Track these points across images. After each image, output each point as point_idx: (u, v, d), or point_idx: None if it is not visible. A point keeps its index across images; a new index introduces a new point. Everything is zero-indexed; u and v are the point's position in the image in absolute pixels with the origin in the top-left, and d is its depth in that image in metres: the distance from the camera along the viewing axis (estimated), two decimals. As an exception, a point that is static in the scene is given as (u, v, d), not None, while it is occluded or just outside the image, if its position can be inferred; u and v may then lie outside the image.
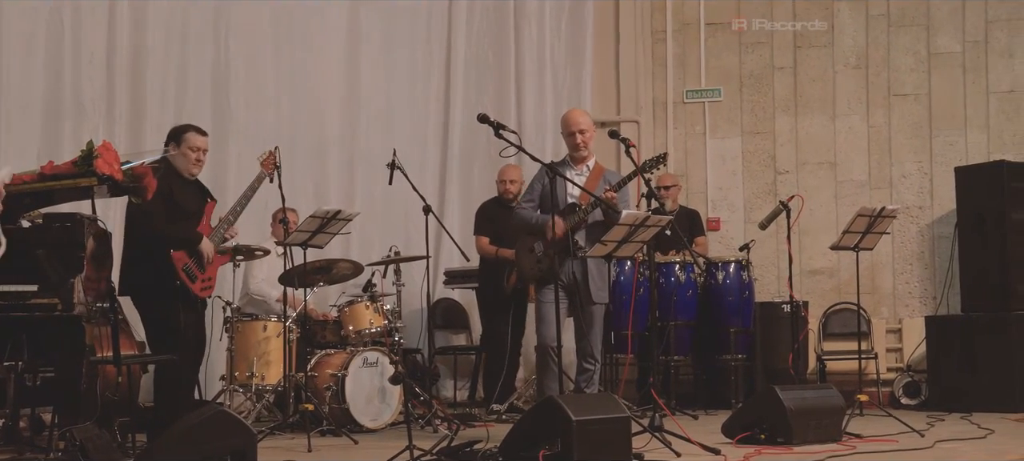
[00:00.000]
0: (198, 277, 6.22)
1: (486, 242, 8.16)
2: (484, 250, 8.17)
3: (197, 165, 6.29)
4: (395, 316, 7.57)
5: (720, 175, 9.69)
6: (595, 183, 6.39)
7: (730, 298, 8.28)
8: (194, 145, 6.26)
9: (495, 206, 8.25)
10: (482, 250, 8.20)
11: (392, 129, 9.22)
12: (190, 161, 6.25)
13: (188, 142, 6.25)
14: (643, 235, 6.11)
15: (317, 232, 6.93)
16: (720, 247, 9.38)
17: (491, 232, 8.15)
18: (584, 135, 6.44)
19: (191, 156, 6.25)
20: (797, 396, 6.02)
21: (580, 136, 6.43)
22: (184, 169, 6.25)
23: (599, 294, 6.34)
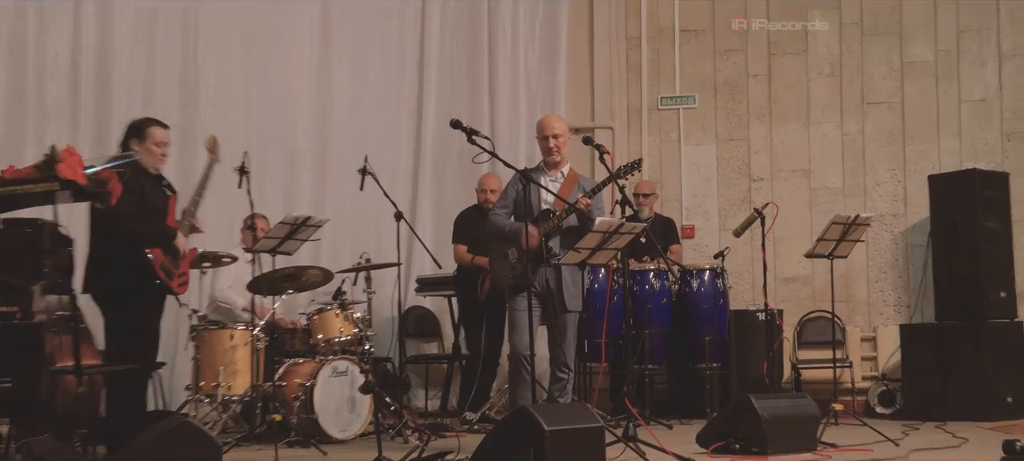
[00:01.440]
0: (174, 274, 6.11)
1: (463, 251, 8.10)
2: (461, 258, 8.12)
3: (161, 160, 6.19)
4: (365, 324, 7.49)
5: (694, 182, 9.65)
6: (569, 189, 6.34)
7: (705, 306, 8.24)
8: (158, 140, 6.15)
9: (475, 215, 8.18)
10: (459, 258, 8.14)
11: (363, 133, 9.14)
12: (156, 157, 6.14)
13: (152, 138, 6.15)
14: (617, 242, 6.07)
15: (286, 238, 6.85)
16: (694, 255, 9.34)
17: (470, 241, 8.08)
18: (558, 140, 6.39)
19: (156, 151, 6.14)
20: (772, 405, 5.98)
21: (554, 141, 6.38)
22: (150, 165, 6.13)
23: (573, 302, 6.28)
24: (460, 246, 8.14)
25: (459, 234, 8.20)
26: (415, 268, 9.12)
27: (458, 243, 8.17)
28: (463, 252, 8.10)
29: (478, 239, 7.90)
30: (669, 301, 8.26)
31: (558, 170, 6.44)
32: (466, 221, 8.22)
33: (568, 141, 6.48)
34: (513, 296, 6.28)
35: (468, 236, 8.11)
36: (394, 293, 7.51)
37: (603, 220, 6.04)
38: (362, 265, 7.60)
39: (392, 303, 7.78)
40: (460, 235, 8.19)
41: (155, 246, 6.00)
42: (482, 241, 7.68)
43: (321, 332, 7.38)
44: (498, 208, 6.51)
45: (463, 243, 8.13)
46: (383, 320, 8.47)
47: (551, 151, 6.39)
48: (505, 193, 6.52)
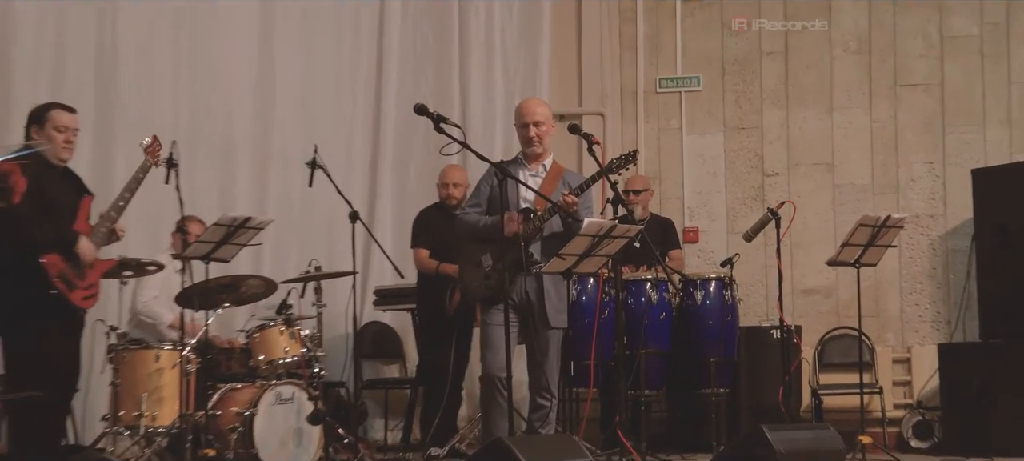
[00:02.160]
0: (78, 285, 6.07)
1: (425, 256, 8.10)
2: (423, 265, 8.12)
3: (67, 148, 6.16)
4: (315, 343, 7.47)
5: (699, 177, 9.68)
6: (552, 186, 6.35)
7: (710, 322, 8.26)
8: (60, 124, 6.12)
9: (436, 214, 8.20)
10: (421, 265, 8.15)
11: (313, 122, 9.13)
12: (58, 144, 6.11)
13: (53, 122, 6.12)
14: (608, 247, 6.09)
15: (222, 243, 6.84)
16: (698, 262, 9.35)
17: (431, 244, 8.09)
18: (540, 128, 6.40)
19: (58, 138, 6.10)
20: (789, 437, 5.99)
21: (535, 129, 6.40)
22: (53, 155, 6.10)
23: (556, 317, 6.29)
24: (421, 251, 8.15)
25: (419, 237, 8.20)
26: (373, 277, 9.11)
27: (418, 247, 8.18)
28: (425, 258, 8.11)
29: (442, 242, 7.90)
30: (669, 316, 8.27)
31: (539, 163, 6.45)
32: (427, 221, 8.22)
33: (551, 130, 6.49)
34: (487, 309, 6.29)
35: (430, 239, 8.11)
36: (348, 306, 7.49)
37: (592, 221, 6.07)
38: (311, 274, 7.57)
39: (346, 318, 7.76)
40: (421, 238, 8.19)
41: (50, 251, 5.96)
42: (448, 244, 7.69)
43: (263, 352, 7.36)
44: (469, 207, 6.52)
45: (424, 247, 8.14)
46: (335, 338, 8.45)
47: (531, 141, 6.41)
48: (477, 190, 6.53)
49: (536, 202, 6.29)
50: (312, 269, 7.62)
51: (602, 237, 5.99)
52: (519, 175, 6.31)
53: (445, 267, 7.83)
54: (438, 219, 8.11)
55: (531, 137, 6.40)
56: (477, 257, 6.38)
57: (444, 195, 8.19)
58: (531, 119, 6.41)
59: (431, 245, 8.09)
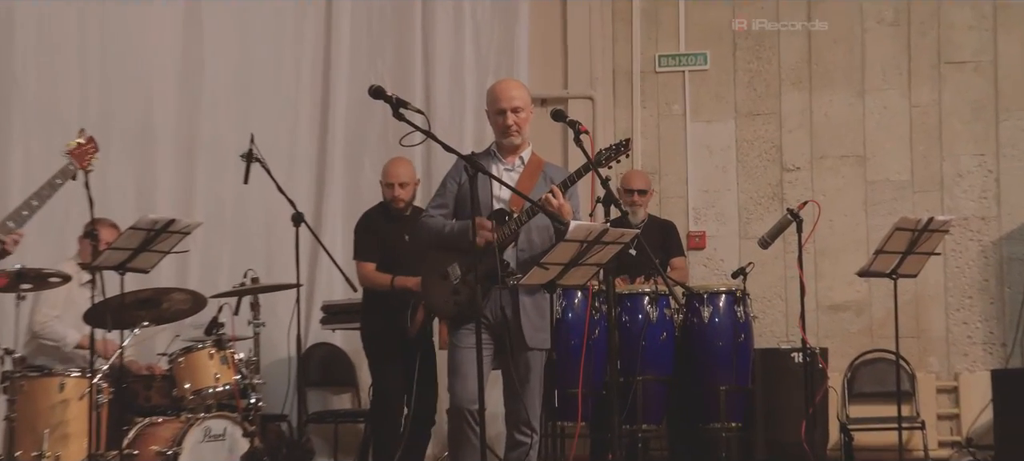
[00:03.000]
0: None
1: (371, 269, 8.03)
2: (371, 280, 8.04)
3: None
4: (251, 369, 7.49)
5: (706, 172, 9.72)
6: (531, 182, 6.37)
7: (719, 343, 8.31)
8: None
9: (381, 218, 8.15)
10: (368, 280, 8.06)
11: (248, 107, 9.15)
12: None
13: None
14: (599, 255, 6.08)
15: (140, 250, 6.81)
16: (706, 272, 9.39)
17: (378, 255, 8.07)
18: (518, 115, 6.40)
19: None
20: (813, 480, 6.04)
21: (512, 116, 6.39)
22: None
23: (537, 337, 6.30)
24: (365, 264, 8.06)
25: (363, 247, 8.12)
26: (321, 291, 9.15)
27: (363, 260, 8.08)
28: (371, 272, 8.03)
29: (391, 252, 7.91)
30: (670, 337, 8.32)
31: (516, 155, 6.46)
32: (370, 226, 8.15)
33: (531, 116, 6.48)
34: (455, 329, 6.30)
35: (376, 249, 8.07)
36: (291, 325, 7.51)
37: (579, 224, 6.04)
38: (247, 287, 7.58)
39: (288, 339, 7.76)
40: (365, 248, 8.10)
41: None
42: (397, 255, 7.74)
43: (189, 380, 7.36)
44: (432, 208, 6.51)
45: (369, 260, 8.06)
46: (276, 363, 8.50)
47: (507, 130, 6.40)
48: (443, 188, 6.51)
49: (512, 201, 6.29)
50: (248, 281, 7.62)
51: (592, 243, 5.97)
52: (492, 170, 6.30)
53: (402, 281, 7.79)
54: (382, 225, 8.07)
55: (507, 125, 6.39)
56: (443, 268, 6.38)
57: (388, 195, 8.09)
58: (507, 104, 6.40)
59: (379, 257, 8.04)
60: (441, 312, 6.49)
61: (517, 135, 6.43)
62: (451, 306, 6.33)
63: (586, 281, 6.53)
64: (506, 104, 6.42)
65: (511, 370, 6.30)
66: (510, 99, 6.43)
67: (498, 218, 6.28)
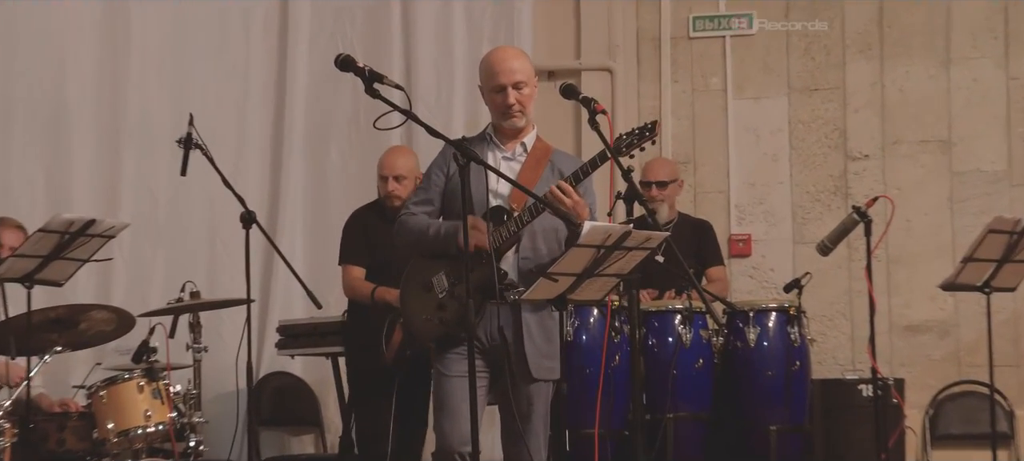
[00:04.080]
0: None
1: (358, 277, 8.13)
2: (355, 289, 8.14)
3: None
4: (190, 405, 7.51)
5: (752, 162, 9.76)
6: (536, 173, 6.41)
7: (769, 373, 8.34)
8: None
9: (375, 219, 8.22)
10: (352, 289, 8.16)
11: (186, 83, 9.19)
12: None
13: None
14: (620, 264, 6.07)
15: (52, 258, 6.84)
16: (752, 285, 9.43)
17: (369, 261, 8.15)
18: (519, 92, 6.42)
19: None
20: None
21: (512, 94, 6.41)
22: None
23: (543, 365, 6.33)
24: (353, 268, 8.17)
25: (352, 249, 8.22)
26: (276, 308, 9.23)
27: (350, 263, 8.20)
28: (357, 280, 8.13)
29: (384, 259, 7.92)
30: (708, 364, 8.35)
31: (518, 141, 6.50)
32: (361, 228, 8.24)
33: (535, 93, 6.51)
34: (442, 355, 6.31)
35: (367, 253, 8.15)
36: (240, 351, 7.51)
37: (595, 226, 6.01)
38: (185, 303, 7.61)
39: (237, 368, 7.77)
40: (354, 251, 8.21)
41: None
42: (391, 263, 7.66)
43: (112, 419, 7.36)
44: (413, 205, 6.55)
45: (358, 264, 8.17)
46: (221, 398, 8.55)
47: (507, 110, 6.43)
48: (427, 181, 6.55)
49: (512, 197, 6.32)
50: (186, 296, 7.63)
51: (611, 248, 5.96)
52: (488, 158, 6.33)
53: (382, 293, 7.87)
54: (377, 225, 8.13)
55: (506, 105, 6.42)
56: (427, 278, 6.41)
57: (384, 192, 8.18)
58: (506, 79, 6.43)
59: (368, 262, 8.13)
60: (423, 335, 6.49)
61: (519, 116, 6.45)
62: (436, 326, 6.34)
63: (604, 296, 6.41)
64: (505, 79, 6.44)
65: (511, 406, 6.29)
66: (510, 72, 6.44)
67: (495, 217, 6.31)
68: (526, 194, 6.22)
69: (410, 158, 8.24)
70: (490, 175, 6.31)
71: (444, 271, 6.35)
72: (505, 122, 6.48)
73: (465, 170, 5.88)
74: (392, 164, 8.16)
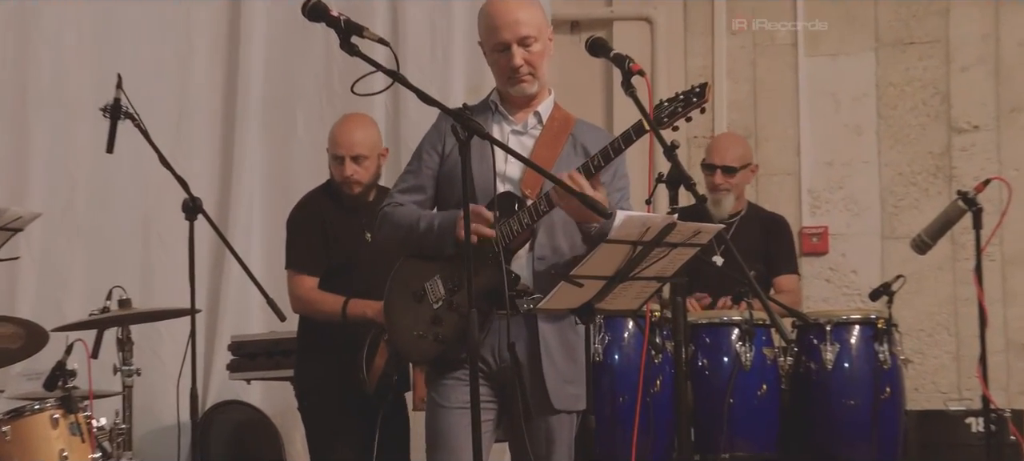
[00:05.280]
0: None
1: (311, 287, 8.20)
2: (311, 303, 8.20)
3: None
4: (119, 444, 7.57)
5: (829, 135, 9.82)
6: (554, 150, 6.48)
7: (851, 402, 8.37)
8: None
9: (327, 207, 8.31)
10: (306, 303, 8.23)
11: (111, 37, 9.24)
12: None
13: None
14: (661, 264, 6.11)
15: (-55, 257, 6.93)
16: (830, 290, 9.48)
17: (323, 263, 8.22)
18: (528, 49, 6.48)
19: None
20: None
21: (520, 52, 6.47)
22: None
23: (565, 393, 6.38)
24: (301, 277, 8.25)
25: (299, 250, 8.30)
26: (228, 321, 9.32)
27: (297, 270, 8.27)
28: (309, 290, 8.20)
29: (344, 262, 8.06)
30: (774, 391, 8.41)
31: (530, 111, 6.57)
32: (311, 222, 8.31)
33: (550, 49, 6.57)
34: (438, 380, 6.38)
35: (319, 254, 8.23)
36: (183, 374, 7.57)
37: (630, 216, 6.02)
38: (112, 314, 7.68)
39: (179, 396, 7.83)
40: (301, 253, 8.29)
41: None
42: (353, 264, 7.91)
43: (19, 456, 7.39)
44: (398, 193, 6.60)
45: (307, 270, 8.23)
46: (158, 434, 8.63)
47: (515, 72, 6.48)
48: (417, 161, 6.61)
49: (525, 181, 6.38)
50: (114, 305, 7.69)
51: (649, 245, 6.00)
52: (494, 132, 6.41)
53: (356, 307, 7.93)
54: (332, 216, 8.23)
55: (513, 67, 6.47)
56: (418, 284, 6.46)
57: (338, 175, 8.25)
58: (510, 34, 6.47)
59: (323, 266, 8.20)
60: (414, 353, 6.56)
61: (528, 81, 6.50)
62: (430, 344, 6.39)
63: (641, 305, 6.44)
64: (508, 34, 6.48)
65: (525, 444, 6.30)
66: (513, 26, 6.48)
67: (504, 207, 6.35)
68: (543, 176, 6.21)
69: (370, 130, 8.30)
70: (498, 154, 6.24)
71: (440, 275, 6.39)
72: (512, 88, 6.55)
73: (466, 147, 5.81)
74: (348, 140, 8.21)
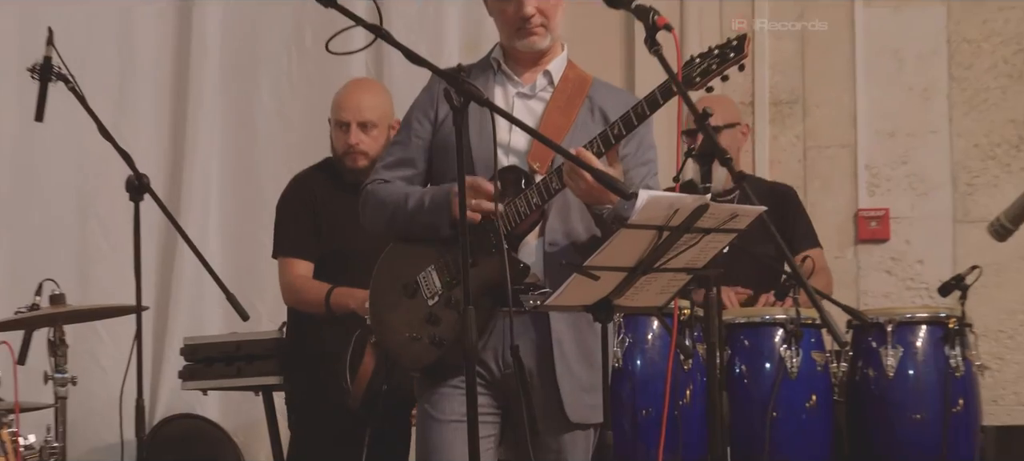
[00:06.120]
0: None
1: (304, 274, 8.28)
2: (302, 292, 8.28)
3: None
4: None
5: (891, 100, 9.84)
6: (568, 117, 6.51)
7: (917, 416, 8.44)
8: None
9: (325, 185, 8.38)
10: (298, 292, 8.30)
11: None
12: None
13: None
14: (691, 253, 6.13)
15: None
16: (892, 284, 9.52)
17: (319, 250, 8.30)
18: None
19: None
20: None
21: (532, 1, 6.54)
22: None
23: (581, 403, 6.42)
24: (296, 262, 8.32)
25: (294, 236, 8.37)
26: (181, 320, 9.38)
27: (289, 254, 8.34)
28: (303, 279, 8.28)
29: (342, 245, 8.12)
30: (825, 403, 8.46)
31: (540, 70, 6.61)
32: (306, 201, 8.38)
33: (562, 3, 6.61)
34: (433, 389, 6.43)
35: (316, 241, 8.29)
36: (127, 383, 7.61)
37: (656, 196, 6.06)
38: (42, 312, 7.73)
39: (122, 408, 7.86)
40: (297, 238, 8.36)
41: None
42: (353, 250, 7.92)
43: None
44: (384, 169, 6.65)
45: (303, 256, 8.31)
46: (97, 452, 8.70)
47: (524, 24, 6.52)
48: (404, 131, 6.65)
49: (533, 153, 6.42)
50: (44, 302, 7.74)
51: (676, 230, 6.03)
52: (496, 97, 6.46)
53: (341, 297, 8.01)
54: (330, 196, 8.30)
55: (522, 17, 6.51)
56: (410, 275, 6.51)
57: (343, 145, 8.32)
58: (518, -19, 6.55)
59: (318, 252, 8.28)
60: (407, 358, 6.57)
61: (540, 34, 6.54)
62: (425, 347, 6.44)
63: (668, 301, 6.46)
64: (515, -19, 6.55)
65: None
66: (520, -30, 6.54)
67: (509, 183, 6.41)
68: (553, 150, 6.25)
69: (381, 96, 8.37)
70: (500, 122, 6.24)
71: (435, 266, 6.43)
72: (520, 43, 6.58)
73: (460, 115, 5.85)
74: (356, 104, 8.27)
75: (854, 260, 9.23)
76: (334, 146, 8.34)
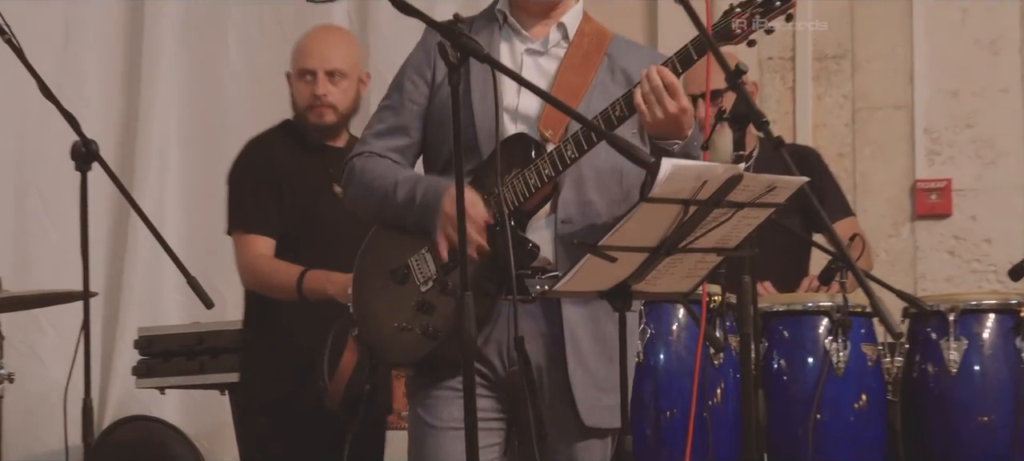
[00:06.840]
0: None
1: (265, 252, 8.35)
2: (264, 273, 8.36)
3: None
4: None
5: (955, 57, 9.89)
6: (584, 76, 6.54)
7: (984, 418, 8.49)
8: None
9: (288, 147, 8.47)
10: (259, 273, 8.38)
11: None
12: None
13: None
14: (722, 231, 6.19)
15: None
16: (955, 266, 9.57)
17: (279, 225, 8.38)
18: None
19: None
20: None
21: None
22: None
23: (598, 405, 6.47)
24: (255, 239, 8.40)
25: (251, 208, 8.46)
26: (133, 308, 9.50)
27: (246, 230, 8.43)
28: (261, 257, 8.36)
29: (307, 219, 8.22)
30: (878, 402, 8.52)
31: (552, 22, 6.65)
32: (264, 167, 8.48)
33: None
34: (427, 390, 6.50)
35: (278, 214, 8.39)
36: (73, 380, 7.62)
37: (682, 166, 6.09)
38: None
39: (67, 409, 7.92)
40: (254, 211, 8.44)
41: None
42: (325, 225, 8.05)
43: None
44: (372, 137, 6.70)
45: (264, 232, 8.40)
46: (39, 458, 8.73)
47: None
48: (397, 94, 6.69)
49: (545, 118, 6.46)
50: (-18, 290, 7.84)
51: (705, 205, 6.09)
52: (502, 52, 6.50)
53: (316, 282, 8.09)
54: (293, 160, 8.40)
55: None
56: (400, 258, 6.56)
57: (307, 98, 8.40)
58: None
59: (281, 227, 8.36)
60: (395, 352, 6.65)
61: (551, -13, 6.60)
62: (417, 340, 6.49)
63: (695, 287, 6.51)
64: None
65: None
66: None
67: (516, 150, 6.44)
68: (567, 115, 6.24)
69: (351, 44, 8.48)
70: (505, 83, 6.35)
71: (429, 248, 6.46)
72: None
73: (457, 73, 5.86)
74: (322, 52, 8.35)
75: (911, 239, 9.26)
76: (295, 101, 8.42)
